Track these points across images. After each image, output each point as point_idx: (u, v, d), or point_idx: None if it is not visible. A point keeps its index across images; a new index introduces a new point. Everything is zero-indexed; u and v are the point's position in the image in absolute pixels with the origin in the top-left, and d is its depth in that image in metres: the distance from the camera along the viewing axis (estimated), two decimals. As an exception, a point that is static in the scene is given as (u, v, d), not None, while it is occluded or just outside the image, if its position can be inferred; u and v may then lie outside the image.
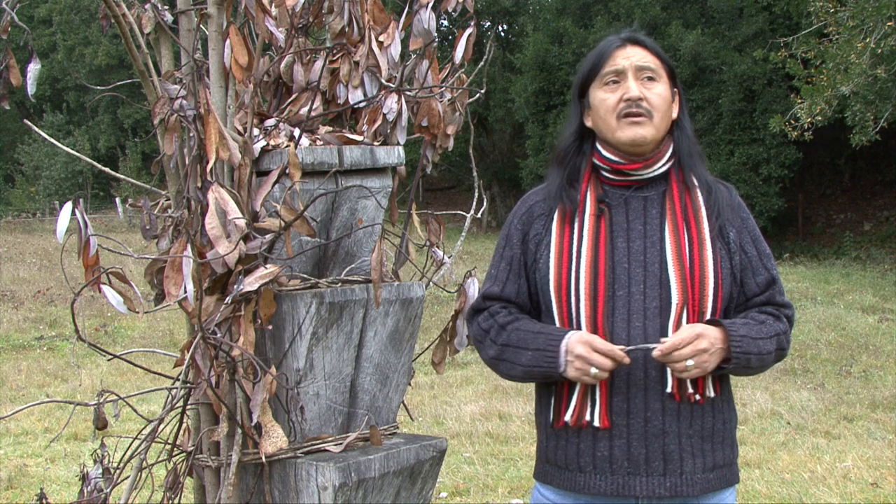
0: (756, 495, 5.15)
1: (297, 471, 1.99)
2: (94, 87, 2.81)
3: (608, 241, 2.00)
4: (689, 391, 1.95)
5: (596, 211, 2.03)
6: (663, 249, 1.98)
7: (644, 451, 1.95)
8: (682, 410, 1.96)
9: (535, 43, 23.49)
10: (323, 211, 2.07)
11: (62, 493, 5.23)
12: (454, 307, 2.34)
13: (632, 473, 1.96)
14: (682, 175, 2.06)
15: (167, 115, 2.03)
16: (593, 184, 2.07)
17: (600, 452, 1.97)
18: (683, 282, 1.95)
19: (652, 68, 2.03)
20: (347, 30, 2.22)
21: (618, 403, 1.96)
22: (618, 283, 1.97)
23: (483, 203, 2.74)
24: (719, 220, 2.03)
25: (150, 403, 6.50)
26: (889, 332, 10.29)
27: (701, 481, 1.98)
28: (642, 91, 2.01)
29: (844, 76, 14.44)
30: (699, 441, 1.98)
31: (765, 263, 2.06)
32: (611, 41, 2.08)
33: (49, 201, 31.02)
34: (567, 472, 2.03)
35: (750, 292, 2.05)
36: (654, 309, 1.95)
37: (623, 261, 1.98)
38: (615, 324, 1.96)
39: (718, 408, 2.02)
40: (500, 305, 2.09)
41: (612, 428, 1.96)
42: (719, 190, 2.08)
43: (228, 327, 1.97)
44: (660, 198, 2.04)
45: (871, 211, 22.20)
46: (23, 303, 12.58)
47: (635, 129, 2.00)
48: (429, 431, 6.49)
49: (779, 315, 2.05)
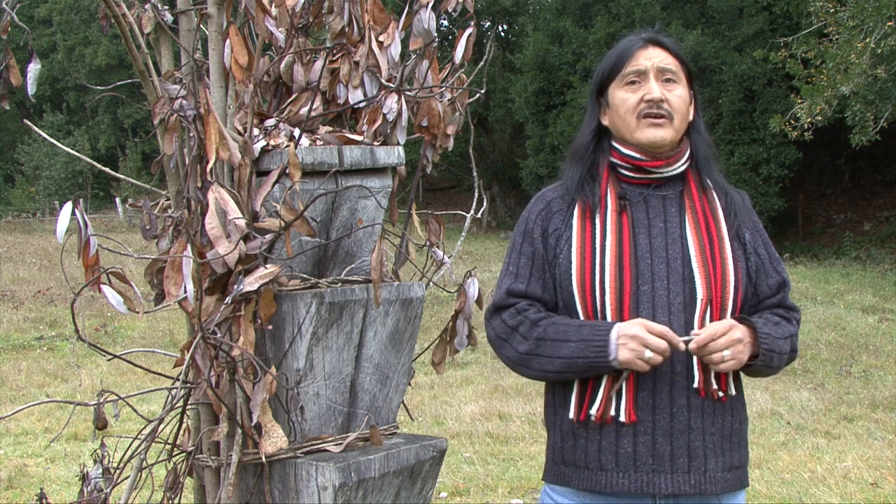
0: (756, 495, 5.15)
1: (297, 471, 1.99)
2: (94, 87, 2.81)
3: (631, 237, 2.01)
4: (714, 387, 1.96)
5: (618, 206, 2.03)
6: (685, 246, 1.99)
7: (669, 448, 1.94)
8: (706, 407, 1.96)
9: (535, 43, 23.51)
10: (323, 211, 2.07)
11: (62, 493, 5.23)
12: (454, 307, 2.34)
13: (656, 471, 1.94)
14: (699, 176, 2.09)
15: (167, 115, 2.03)
16: (612, 181, 2.07)
17: (623, 449, 1.95)
18: (708, 278, 1.97)
19: (673, 70, 2.04)
20: (347, 30, 2.22)
21: (643, 399, 1.95)
22: (641, 278, 1.97)
23: (483, 203, 2.75)
24: (736, 220, 2.05)
25: (150, 403, 6.50)
26: (889, 332, 10.29)
27: (721, 480, 1.98)
28: (664, 93, 2.01)
29: (844, 76, 14.45)
30: (720, 439, 1.98)
31: (776, 267, 2.10)
32: (633, 41, 2.08)
33: (49, 201, 31.01)
34: (587, 471, 1.99)
35: (762, 294, 2.07)
36: (678, 304, 1.96)
37: (646, 256, 1.99)
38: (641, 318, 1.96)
39: (736, 407, 2.04)
40: (527, 303, 2.05)
41: (638, 424, 1.95)
42: (733, 193, 2.11)
43: (228, 327, 1.97)
44: (678, 197, 2.06)
45: (871, 211, 22.20)
46: (23, 303, 12.58)
47: (655, 130, 2.01)
48: (429, 431, 6.49)
49: (789, 318, 2.07)
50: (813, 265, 18.06)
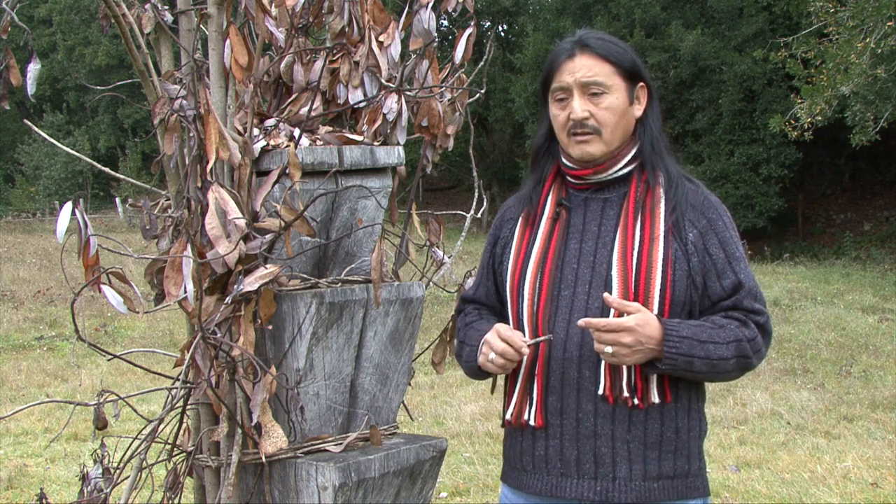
0: (756, 495, 5.15)
1: (297, 471, 1.99)
2: (94, 87, 2.81)
3: (560, 243, 2.02)
4: (626, 395, 1.91)
5: (553, 214, 2.05)
6: (612, 249, 1.97)
7: (576, 453, 1.94)
8: (617, 414, 1.92)
9: (535, 43, 23.50)
10: (323, 211, 2.07)
11: (62, 493, 5.23)
12: (454, 307, 2.34)
13: (564, 475, 1.96)
14: (645, 175, 2.03)
15: (167, 115, 2.03)
16: (557, 186, 2.09)
17: (538, 452, 1.99)
18: (625, 282, 1.92)
19: (598, 82, 1.98)
20: (347, 30, 2.22)
21: (552, 403, 1.96)
22: (564, 283, 1.98)
23: (483, 203, 2.75)
24: (675, 214, 1.97)
25: (150, 403, 6.50)
26: (889, 332, 10.29)
27: (638, 489, 1.93)
28: (588, 109, 1.98)
29: (844, 76, 14.45)
30: (640, 447, 1.92)
31: (733, 267, 1.96)
32: (561, 49, 2.05)
33: (49, 201, 31.00)
34: (515, 470, 2.06)
35: (715, 296, 1.96)
36: (595, 309, 1.94)
37: (573, 261, 2.00)
38: (556, 323, 1.96)
39: (670, 415, 1.95)
40: (473, 307, 2.18)
41: (547, 428, 1.97)
42: (682, 185, 2.01)
43: (228, 327, 1.97)
44: (619, 199, 2.03)
45: (871, 211, 22.20)
46: (23, 303, 12.58)
47: (583, 147, 2.00)
48: (429, 431, 6.49)
49: (745, 321, 1.95)
50: (813, 265, 18.05)
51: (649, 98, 2.06)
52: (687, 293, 1.95)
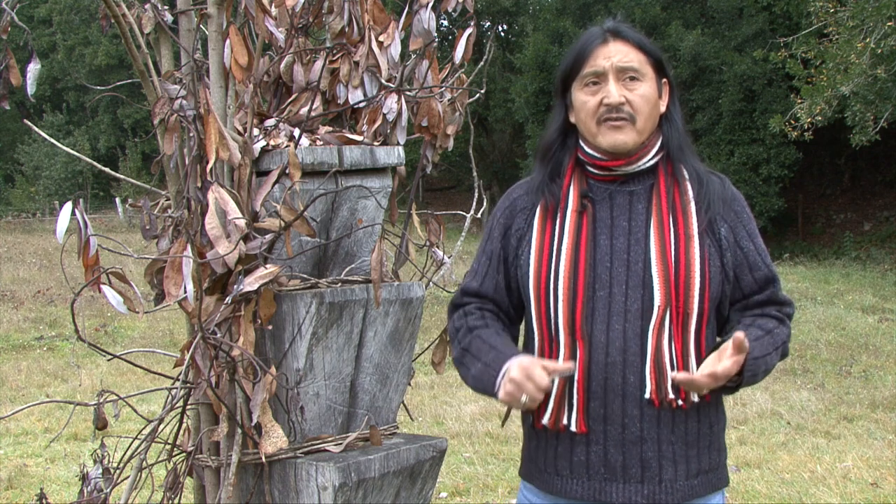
0: (756, 495, 5.15)
1: (297, 471, 1.99)
2: (94, 87, 2.81)
3: (590, 239, 1.92)
4: (671, 397, 1.88)
5: (578, 206, 1.94)
6: (647, 247, 1.90)
7: (621, 458, 1.90)
8: (662, 416, 1.89)
9: (535, 43, 23.50)
10: (323, 211, 2.07)
11: (62, 493, 5.23)
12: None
13: (608, 479, 1.90)
14: (670, 168, 1.97)
15: (167, 115, 2.03)
16: (577, 178, 1.98)
17: (577, 458, 1.92)
18: (667, 283, 1.87)
19: (635, 68, 1.93)
20: (347, 30, 2.22)
21: (595, 409, 1.89)
22: (598, 282, 1.90)
23: (483, 203, 2.74)
24: (709, 213, 1.94)
25: (150, 403, 6.49)
26: (889, 332, 10.29)
27: (683, 488, 1.92)
28: (623, 94, 1.91)
29: (844, 76, 14.45)
30: (682, 447, 1.91)
31: (763, 259, 1.97)
32: (592, 35, 1.97)
33: (49, 201, 31.00)
34: (546, 474, 1.98)
35: (748, 290, 1.96)
36: (635, 311, 1.87)
37: (605, 259, 1.91)
38: (594, 326, 1.88)
39: (704, 412, 1.95)
40: (477, 305, 2.03)
41: (589, 433, 1.90)
42: (711, 181, 1.98)
43: (228, 327, 1.97)
44: (646, 192, 1.94)
45: (871, 211, 22.20)
46: (23, 303, 12.58)
47: (615, 134, 1.91)
48: (429, 431, 6.49)
49: (782, 317, 1.97)
50: (813, 265, 18.05)
51: (671, 95, 2.01)
52: (720, 289, 1.93)
